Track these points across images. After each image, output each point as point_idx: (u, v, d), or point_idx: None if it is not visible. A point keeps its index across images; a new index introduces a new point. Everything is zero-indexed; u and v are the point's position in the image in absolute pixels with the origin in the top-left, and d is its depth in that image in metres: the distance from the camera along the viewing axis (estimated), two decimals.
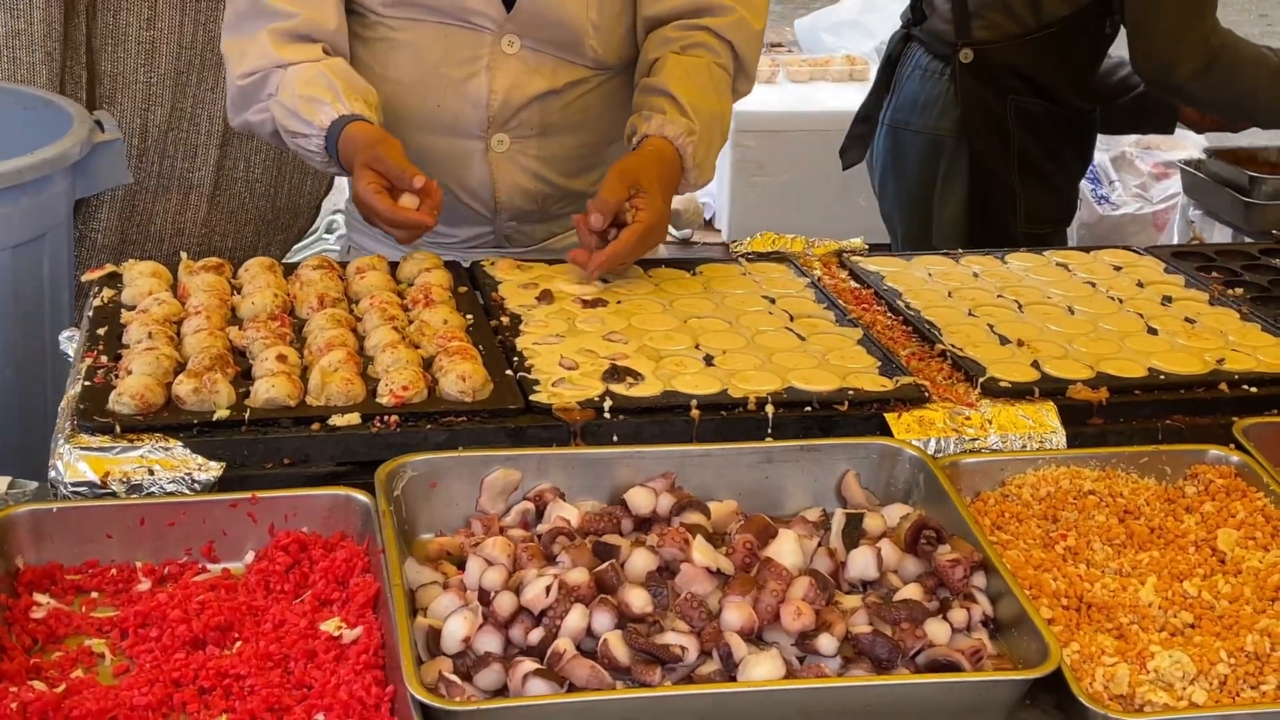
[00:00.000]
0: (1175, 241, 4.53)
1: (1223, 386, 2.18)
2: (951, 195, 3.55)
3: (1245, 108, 3.48)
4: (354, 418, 1.95)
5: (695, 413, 2.02)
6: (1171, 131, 3.94)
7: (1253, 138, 4.32)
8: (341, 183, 3.75)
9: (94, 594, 1.73)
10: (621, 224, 2.36)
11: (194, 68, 3.53)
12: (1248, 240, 3.72)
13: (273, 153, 3.66)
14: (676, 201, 3.66)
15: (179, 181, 3.60)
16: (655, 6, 2.55)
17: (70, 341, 2.20)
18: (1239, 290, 2.55)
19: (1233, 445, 2.02)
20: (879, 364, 2.17)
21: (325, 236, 6.55)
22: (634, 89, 2.57)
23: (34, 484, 1.94)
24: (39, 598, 1.69)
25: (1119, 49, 3.58)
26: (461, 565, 1.76)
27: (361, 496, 1.81)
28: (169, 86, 3.50)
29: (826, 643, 1.61)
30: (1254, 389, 2.18)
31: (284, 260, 2.89)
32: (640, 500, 1.84)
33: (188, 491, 1.85)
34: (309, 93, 2.40)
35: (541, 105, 2.57)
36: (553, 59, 2.54)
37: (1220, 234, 4.03)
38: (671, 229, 5.83)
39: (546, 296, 2.36)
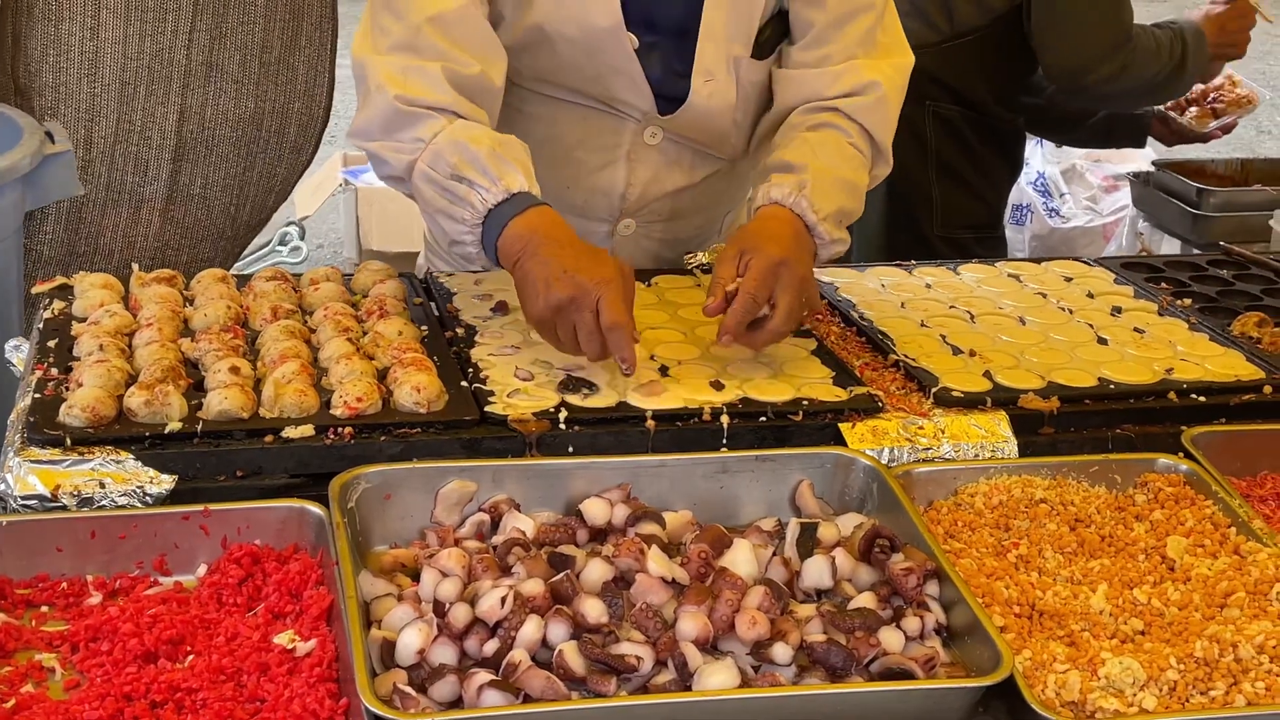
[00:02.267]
0: (1123, 253, 4.57)
1: (1172, 396, 2.20)
2: (872, 201, 3.57)
3: (1145, 97, 3.59)
4: (308, 429, 1.94)
5: (651, 423, 2.03)
6: (1143, 145, 4.01)
7: (1200, 151, 4.37)
8: (294, 195, 3.75)
9: (44, 608, 1.72)
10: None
11: (141, 80, 3.48)
12: (1195, 252, 3.77)
13: (234, 170, 3.60)
14: None
15: (129, 195, 3.55)
16: (807, 88, 2.40)
17: (16, 351, 2.18)
18: (1187, 301, 2.58)
19: (1182, 454, 2.05)
20: (833, 374, 2.19)
21: (279, 249, 6.53)
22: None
23: None
24: None
25: None
26: (416, 577, 1.75)
27: (315, 508, 1.80)
28: (114, 98, 3.46)
29: (781, 652, 1.62)
30: (1202, 398, 2.20)
31: (236, 273, 2.87)
32: (596, 511, 1.84)
33: (139, 505, 1.83)
34: (503, 153, 2.13)
35: (674, 196, 2.53)
36: (692, 153, 2.49)
37: (1168, 245, 4.08)
38: None
39: (502, 308, 2.36)
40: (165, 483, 1.86)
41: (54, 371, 2.06)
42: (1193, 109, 3.91)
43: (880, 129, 2.41)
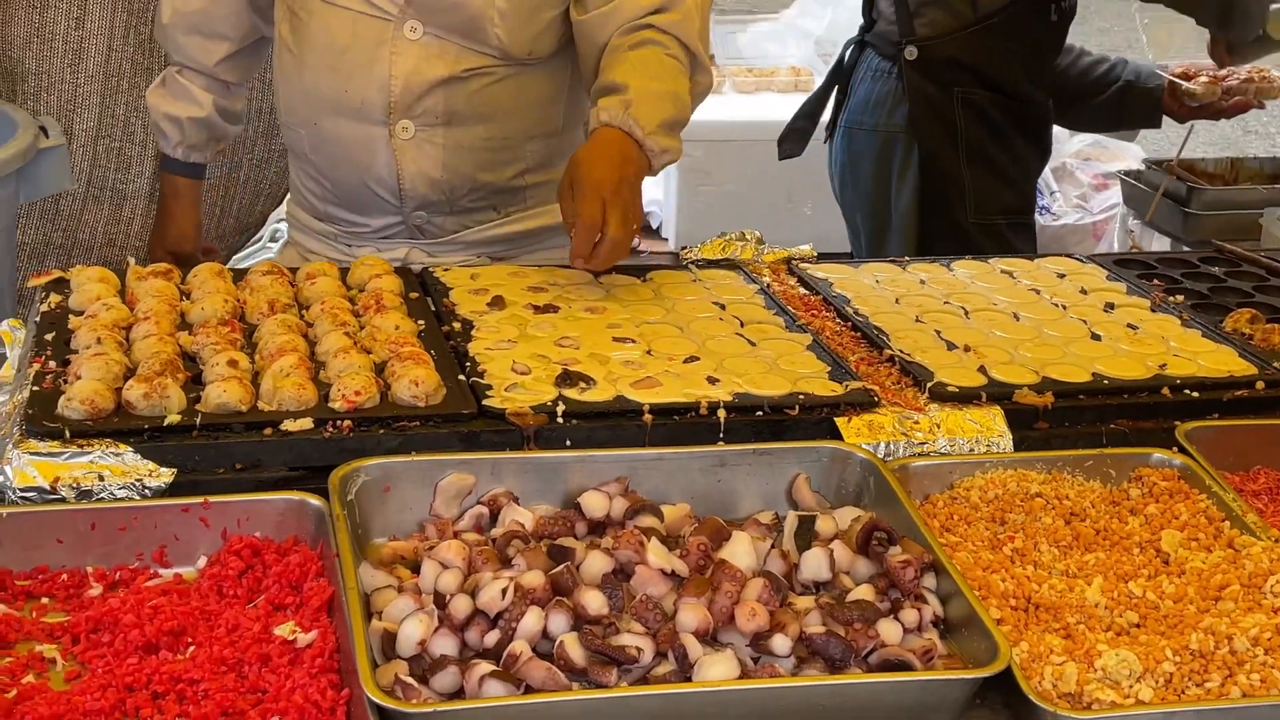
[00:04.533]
0: (1114, 251, 4.59)
1: (1165, 391, 2.21)
2: (905, 190, 3.62)
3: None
4: (306, 422, 1.95)
5: (648, 417, 2.03)
6: (1158, 125, 3.99)
7: (1189, 150, 4.38)
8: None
9: (44, 599, 1.72)
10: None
11: (124, 73, 3.43)
12: (1186, 249, 3.79)
13: (219, 171, 3.57)
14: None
15: (111, 191, 3.50)
16: (605, 27, 2.54)
17: (14, 332, 2.19)
18: (1179, 297, 2.60)
19: (1176, 449, 2.06)
20: (829, 369, 2.19)
21: (270, 245, 6.50)
22: (557, 86, 2.64)
23: None
24: None
25: (1096, 46, 3.64)
26: (415, 569, 1.76)
27: (315, 501, 1.81)
28: (96, 89, 3.41)
29: (780, 643, 1.63)
30: (1195, 393, 2.22)
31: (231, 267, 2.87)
32: (594, 504, 1.85)
33: (138, 498, 1.83)
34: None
35: (445, 92, 2.58)
36: (456, 47, 2.56)
37: (1159, 244, 4.10)
38: None
39: (498, 302, 2.37)
40: (164, 476, 1.86)
41: (52, 364, 2.06)
42: (1202, 77, 3.88)
43: (694, 39, 2.56)
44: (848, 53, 3.85)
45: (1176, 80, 3.81)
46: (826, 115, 3.93)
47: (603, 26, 2.54)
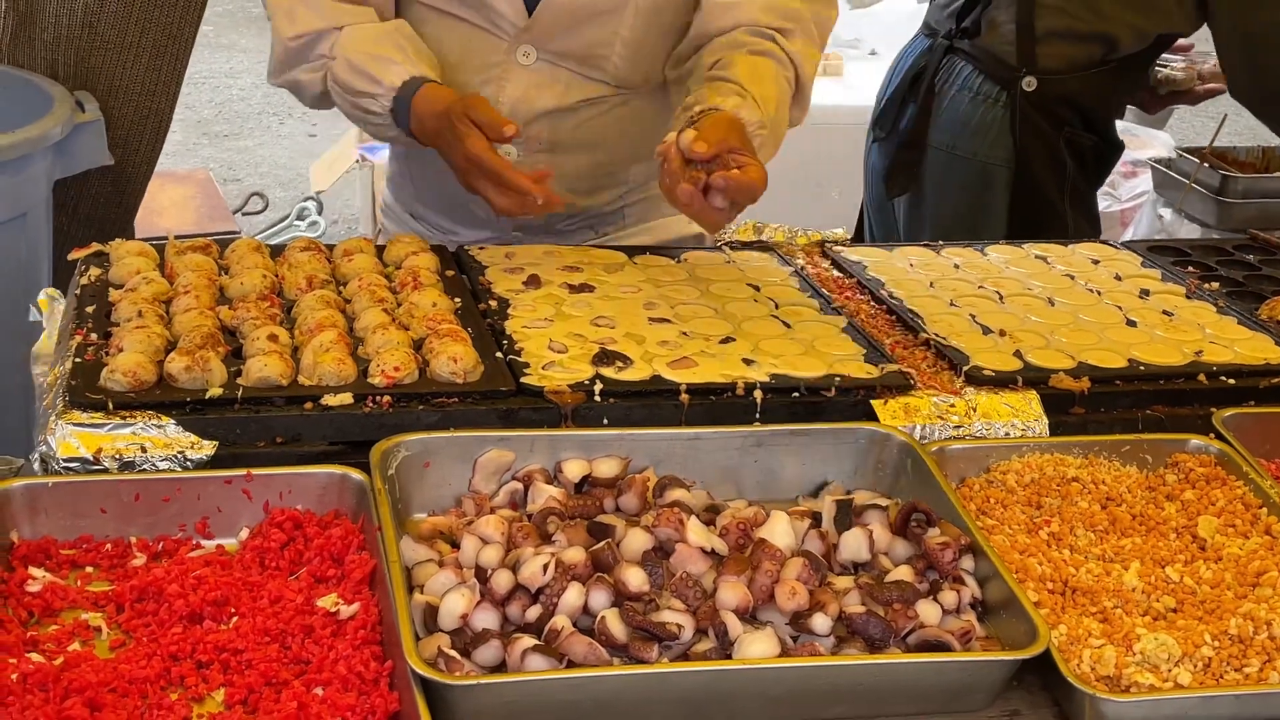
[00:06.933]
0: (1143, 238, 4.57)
1: (1201, 378, 2.21)
2: (993, 222, 3.38)
3: None
4: (346, 397, 1.96)
5: (684, 397, 2.04)
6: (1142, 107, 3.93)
7: (1222, 139, 4.36)
8: (310, 170, 3.62)
9: (89, 569, 1.73)
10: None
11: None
12: (1217, 237, 3.77)
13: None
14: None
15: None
16: (721, 21, 2.42)
17: (52, 302, 2.20)
18: (1215, 284, 2.59)
19: (1212, 435, 2.06)
20: (864, 351, 2.20)
21: (296, 223, 6.54)
22: (662, 110, 2.48)
23: (21, 460, 1.94)
24: (34, 571, 1.69)
25: None
26: (454, 544, 1.77)
27: (357, 475, 1.82)
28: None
29: (820, 622, 1.63)
30: (1232, 380, 2.21)
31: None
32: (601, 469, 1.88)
33: (180, 469, 1.85)
34: (380, 51, 2.36)
35: (551, 121, 2.51)
36: (568, 75, 2.48)
37: (1188, 231, 4.08)
38: None
39: (534, 281, 2.37)
40: (206, 448, 1.87)
41: (93, 337, 2.07)
42: (1178, 61, 3.76)
43: (807, 74, 2.43)
44: (923, 57, 3.49)
45: (1156, 66, 3.66)
46: (866, 109, 3.70)
47: (723, 17, 2.41)
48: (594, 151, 2.57)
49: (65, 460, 1.84)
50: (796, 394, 2.08)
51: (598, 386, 2.03)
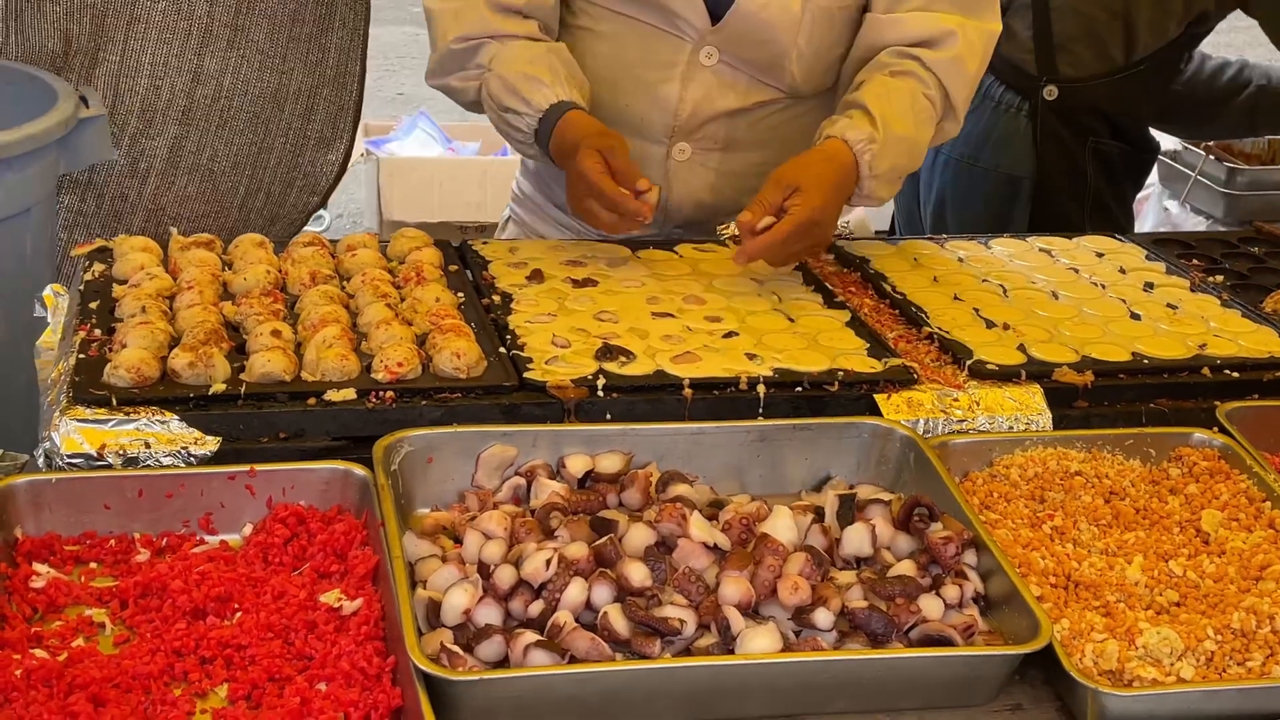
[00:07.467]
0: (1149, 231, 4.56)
1: (1205, 371, 2.21)
2: (1011, 227, 3.35)
3: None
4: (349, 393, 1.96)
5: (688, 392, 2.04)
6: None
7: None
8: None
9: (93, 564, 1.74)
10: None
11: (153, 25, 3.20)
12: (1223, 230, 3.76)
13: (248, 148, 3.33)
14: (848, 214, 3.38)
15: (124, 149, 3.27)
16: (880, 35, 2.50)
17: (56, 296, 2.20)
18: (1219, 277, 2.59)
19: (1216, 428, 2.06)
20: (867, 346, 2.20)
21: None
22: (829, 114, 2.52)
23: (25, 456, 1.94)
24: (38, 567, 1.69)
25: (1218, 50, 3.47)
26: (457, 540, 1.77)
27: (360, 470, 1.82)
28: (119, 42, 3.17)
29: (823, 617, 1.63)
30: (1236, 374, 2.21)
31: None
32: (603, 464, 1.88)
33: (183, 465, 1.85)
34: (532, 72, 2.43)
35: (729, 121, 2.57)
36: (747, 79, 2.55)
37: (1194, 224, 4.07)
38: None
39: (537, 276, 2.37)
40: (210, 444, 1.87)
41: (97, 332, 2.08)
42: None
43: (956, 87, 2.50)
44: None
45: None
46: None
47: (880, 34, 2.50)
48: (764, 150, 2.61)
49: (69, 456, 1.84)
50: (800, 388, 2.08)
51: (601, 381, 2.03)
